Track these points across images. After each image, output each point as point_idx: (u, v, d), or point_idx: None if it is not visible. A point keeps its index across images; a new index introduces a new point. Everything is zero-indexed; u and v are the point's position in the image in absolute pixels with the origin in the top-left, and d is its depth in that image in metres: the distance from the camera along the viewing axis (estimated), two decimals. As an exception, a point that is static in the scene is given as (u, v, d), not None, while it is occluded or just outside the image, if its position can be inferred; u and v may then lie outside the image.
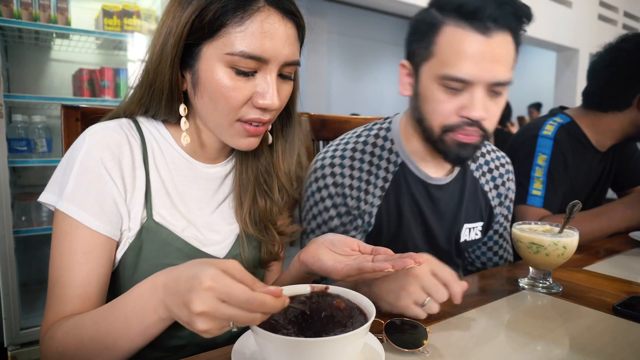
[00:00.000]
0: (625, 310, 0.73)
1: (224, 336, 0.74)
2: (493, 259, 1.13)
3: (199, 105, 0.68)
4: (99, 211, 0.64)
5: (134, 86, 0.72)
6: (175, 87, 0.67)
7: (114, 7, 2.13)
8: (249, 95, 0.65)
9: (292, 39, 0.66)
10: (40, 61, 2.28)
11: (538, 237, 0.82)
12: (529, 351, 0.61)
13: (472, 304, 0.77)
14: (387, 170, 0.95)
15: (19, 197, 2.06)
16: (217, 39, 0.62)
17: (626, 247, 1.19)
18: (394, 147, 0.96)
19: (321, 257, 0.67)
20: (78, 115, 0.85)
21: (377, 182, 0.94)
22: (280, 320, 0.51)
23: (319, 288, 0.59)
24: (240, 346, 0.55)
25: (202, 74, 0.65)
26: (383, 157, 0.95)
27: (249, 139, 0.69)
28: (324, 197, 0.93)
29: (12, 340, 1.89)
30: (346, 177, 0.92)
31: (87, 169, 0.64)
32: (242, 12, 0.61)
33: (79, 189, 0.64)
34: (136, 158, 0.69)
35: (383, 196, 0.94)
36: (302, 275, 0.72)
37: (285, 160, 0.79)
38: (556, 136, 1.31)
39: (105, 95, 2.18)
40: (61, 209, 0.63)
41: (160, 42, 0.66)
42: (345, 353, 0.48)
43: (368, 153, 0.95)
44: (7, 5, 1.87)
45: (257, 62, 0.63)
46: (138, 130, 0.72)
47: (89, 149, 0.65)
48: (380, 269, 0.59)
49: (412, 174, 0.96)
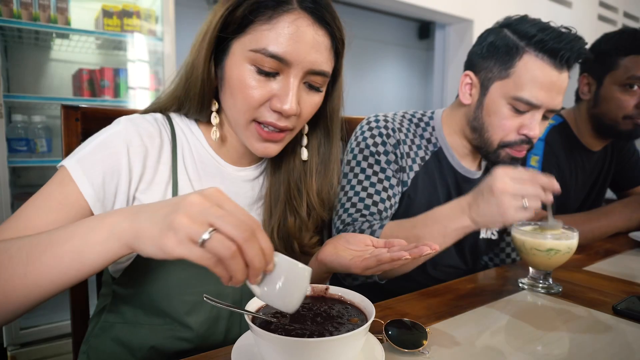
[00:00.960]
0: (625, 310, 0.73)
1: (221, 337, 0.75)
2: (506, 260, 1.17)
3: (224, 101, 0.69)
4: (98, 183, 0.63)
5: (173, 81, 0.73)
6: (208, 81, 0.67)
7: (114, 7, 2.13)
8: (267, 96, 0.64)
9: (322, 47, 0.65)
10: (40, 61, 2.28)
11: (538, 237, 0.82)
12: (529, 351, 0.61)
13: (472, 304, 0.77)
14: (427, 147, 1.04)
15: (19, 197, 2.06)
16: (245, 35, 0.63)
17: (626, 247, 1.19)
18: (434, 133, 1.05)
19: (340, 254, 0.69)
20: (78, 115, 0.85)
21: (419, 152, 1.02)
22: (280, 320, 0.51)
23: (319, 289, 0.59)
24: (240, 346, 0.55)
25: (227, 69, 0.66)
26: (424, 137, 1.05)
27: (264, 144, 0.69)
28: (376, 140, 0.97)
29: (12, 340, 1.89)
30: (396, 131, 1.00)
31: (110, 145, 0.64)
32: (272, 11, 0.62)
33: (92, 156, 0.63)
34: (164, 154, 0.70)
35: (422, 166, 1.01)
36: (321, 275, 0.74)
37: (318, 180, 0.79)
38: (547, 137, 1.34)
39: (105, 95, 2.18)
40: (67, 165, 0.62)
41: (200, 38, 0.67)
42: (345, 353, 0.48)
43: (413, 124, 1.05)
44: (7, 5, 1.87)
45: (279, 63, 0.62)
46: (170, 127, 0.72)
47: (121, 129, 0.66)
48: (398, 258, 0.60)
49: (447, 161, 1.04)
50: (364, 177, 0.96)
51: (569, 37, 0.89)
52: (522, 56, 0.90)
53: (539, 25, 0.91)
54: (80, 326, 0.85)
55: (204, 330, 0.72)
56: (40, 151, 2.05)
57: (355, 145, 0.99)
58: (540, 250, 0.81)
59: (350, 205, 0.94)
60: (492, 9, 3.79)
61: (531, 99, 0.90)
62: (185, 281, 0.69)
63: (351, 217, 0.93)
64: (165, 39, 2.21)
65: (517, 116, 0.93)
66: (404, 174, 0.99)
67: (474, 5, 3.65)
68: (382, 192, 0.95)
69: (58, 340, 1.96)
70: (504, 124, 0.93)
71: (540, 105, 0.90)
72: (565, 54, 0.88)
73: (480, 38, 1.01)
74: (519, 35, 0.92)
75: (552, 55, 0.89)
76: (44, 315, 2.00)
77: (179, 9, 2.35)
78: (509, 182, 0.70)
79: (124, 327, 0.72)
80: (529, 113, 0.92)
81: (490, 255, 1.18)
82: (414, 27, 6.61)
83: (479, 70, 0.98)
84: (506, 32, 0.95)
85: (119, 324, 0.72)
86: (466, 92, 1.00)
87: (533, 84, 0.89)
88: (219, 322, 0.74)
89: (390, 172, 0.97)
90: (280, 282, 0.47)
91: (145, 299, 0.70)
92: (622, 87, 1.26)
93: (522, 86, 0.90)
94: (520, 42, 0.91)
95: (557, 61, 0.89)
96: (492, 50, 0.95)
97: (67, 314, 0.87)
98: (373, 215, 0.93)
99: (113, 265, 0.71)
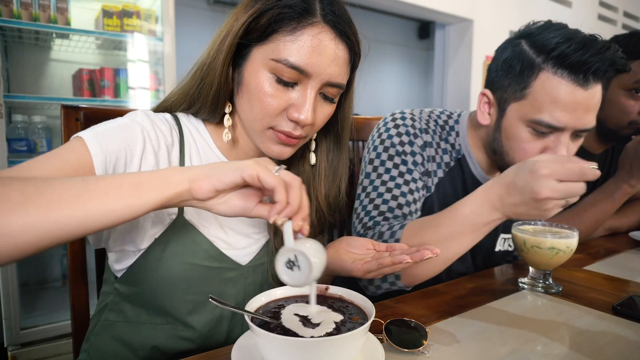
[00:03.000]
0: (625, 310, 0.73)
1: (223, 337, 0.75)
2: None
3: (239, 105, 0.70)
4: (111, 160, 0.61)
5: (185, 78, 0.73)
6: (224, 84, 0.68)
7: (114, 7, 2.13)
8: (284, 105, 0.65)
9: (341, 60, 0.66)
10: (40, 61, 2.28)
11: (538, 237, 0.82)
12: (529, 351, 0.61)
13: (472, 304, 0.77)
14: (451, 153, 0.98)
15: (19, 197, 2.06)
16: (266, 44, 0.64)
17: (626, 247, 1.19)
18: (457, 140, 0.99)
19: (341, 257, 0.70)
20: (78, 115, 0.85)
21: (444, 157, 0.97)
22: (280, 320, 0.51)
23: (319, 288, 0.59)
24: (240, 346, 0.55)
25: (246, 75, 0.66)
26: (449, 141, 0.98)
27: (280, 147, 0.69)
28: (403, 139, 0.92)
29: (12, 340, 1.89)
30: (423, 132, 0.94)
31: (129, 129, 0.65)
32: (297, 22, 0.62)
33: (110, 134, 0.63)
34: (173, 153, 0.70)
35: (446, 172, 0.96)
36: (322, 278, 0.74)
37: (326, 185, 0.79)
38: None
39: (105, 95, 2.18)
40: (84, 137, 0.60)
41: (219, 40, 0.67)
42: (345, 353, 0.48)
43: (439, 126, 0.98)
44: (7, 5, 1.87)
45: (299, 74, 0.63)
46: (178, 127, 0.72)
47: (139, 117, 0.67)
48: (399, 261, 0.61)
49: (470, 171, 0.98)
50: (389, 177, 0.90)
51: (596, 46, 0.77)
52: (538, 75, 0.81)
53: (562, 34, 0.80)
54: (80, 326, 0.85)
55: (207, 330, 0.72)
56: (40, 151, 2.06)
57: (380, 143, 0.93)
58: (541, 249, 0.81)
59: (373, 207, 0.89)
60: (492, 8, 3.79)
61: (552, 122, 0.80)
62: (188, 281, 0.69)
63: (373, 220, 0.88)
64: (165, 39, 2.21)
65: (539, 139, 0.84)
66: (428, 178, 0.94)
67: (474, 5, 3.65)
68: (408, 195, 0.89)
69: (58, 340, 1.97)
70: (524, 148, 0.85)
71: (564, 127, 0.81)
72: (591, 67, 0.77)
73: (497, 51, 0.91)
74: (536, 49, 0.82)
75: (575, 70, 0.78)
76: (44, 315, 2.01)
77: (179, 9, 2.35)
78: (555, 188, 0.63)
79: (125, 325, 0.72)
80: (552, 135, 0.83)
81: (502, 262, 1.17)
82: (414, 27, 6.61)
83: (495, 89, 0.89)
84: (523, 45, 0.85)
85: (120, 323, 0.72)
86: (484, 112, 0.92)
87: (553, 105, 0.80)
88: (222, 323, 0.74)
89: (417, 175, 0.91)
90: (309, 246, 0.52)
91: (147, 298, 0.70)
92: (628, 91, 1.22)
93: (541, 108, 0.81)
94: (537, 57, 0.82)
95: (580, 77, 0.78)
96: (506, 68, 0.87)
97: (67, 314, 0.88)
98: (397, 218, 0.88)
99: (116, 262, 0.71)
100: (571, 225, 0.87)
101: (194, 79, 0.71)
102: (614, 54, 0.79)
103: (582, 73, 0.78)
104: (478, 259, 1.05)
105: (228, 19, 0.68)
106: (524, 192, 0.66)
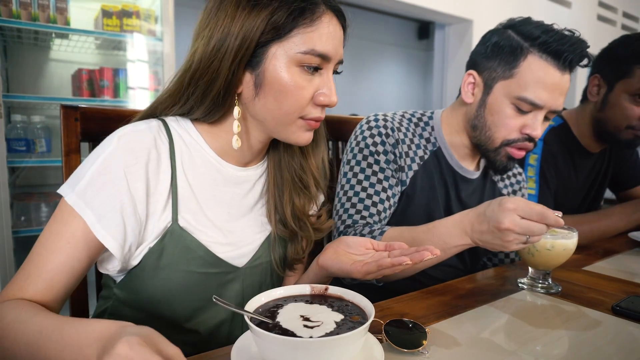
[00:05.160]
0: (625, 310, 0.73)
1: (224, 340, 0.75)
2: (505, 260, 1.16)
3: (259, 106, 0.68)
4: (101, 213, 0.63)
5: (172, 80, 0.72)
6: (231, 88, 0.67)
7: (114, 7, 2.13)
8: (312, 93, 0.68)
9: (342, 40, 0.72)
10: (40, 61, 2.28)
11: (537, 237, 0.82)
12: (529, 351, 0.61)
13: (472, 303, 0.77)
14: (426, 147, 1.05)
15: (18, 198, 2.06)
16: (286, 40, 0.65)
17: (626, 247, 1.19)
18: (433, 133, 1.07)
19: (340, 259, 0.70)
20: (77, 115, 0.85)
21: (418, 151, 1.04)
22: (279, 320, 0.51)
23: (318, 288, 0.59)
24: (239, 346, 0.55)
25: (268, 74, 0.66)
26: (423, 136, 1.06)
27: (309, 133, 0.72)
28: (375, 140, 0.98)
29: (11, 341, 1.88)
30: (395, 130, 1.01)
31: (106, 170, 0.63)
32: (310, 15, 0.66)
33: (91, 186, 0.63)
34: (162, 162, 0.68)
35: (421, 165, 1.03)
36: (321, 280, 0.75)
37: (315, 158, 0.83)
38: (545, 137, 1.34)
39: (105, 95, 2.18)
40: (69, 201, 0.62)
41: (214, 42, 0.65)
42: (345, 353, 0.48)
43: (413, 123, 1.06)
44: (6, 5, 1.87)
45: (322, 61, 0.67)
46: (167, 132, 0.70)
47: (114, 150, 0.64)
48: (399, 263, 0.61)
49: (446, 161, 1.05)
50: (364, 177, 0.96)
51: (571, 39, 0.90)
52: (526, 57, 0.92)
53: (542, 27, 0.92)
54: (79, 326, 0.85)
55: (207, 334, 0.72)
56: (39, 151, 2.05)
57: (355, 145, 1.00)
58: (540, 250, 0.81)
59: (350, 205, 0.95)
60: (492, 9, 3.79)
61: (535, 99, 0.91)
62: (185, 289, 0.69)
63: (351, 218, 0.94)
64: (164, 39, 2.22)
65: (519, 116, 0.94)
66: (402, 173, 1.00)
67: (474, 5, 3.65)
68: (382, 193, 0.96)
69: (57, 340, 1.96)
70: (506, 123, 0.95)
71: (543, 105, 0.92)
72: (568, 56, 0.89)
73: (484, 38, 1.02)
74: (523, 36, 0.93)
75: (556, 56, 0.90)
76: (44, 315, 2.00)
77: (179, 9, 2.35)
78: (516, 222, 0.70)
79: None
80: (531, 113, 0.94)
81: (489, 255, 1.18)
82: (414, 27, 6.62)
83: (482, 70, 0.99)
84: (510, 33, 0.96)
85: None
86: (469, 91, 1.01)
87: (537, 84, 0.91)
88: (222, 327, 0.74)
89: (389, 172, 0.97)
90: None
91: (146, 304, 0.70)
92: (632, 96, 1.22)
93: (526, 86, 0.91)
94: (525, 42, 0.92)
95: (560, 63, 0.90)
96: (496, 50, 0.96)
97: (67, 314, 0.87)
98: (372, 216, 0.94)
99: (113, 270, 0.70)
100: (580, 230, 0.88)
101: (180, 80, 0.69)
102: (585, 47, 0.91)
103: (562, 60, 0.90)
104: (464, 252, 1.06)
105: (212, 17, 0.66)
106: (490, 221, 0.72)
